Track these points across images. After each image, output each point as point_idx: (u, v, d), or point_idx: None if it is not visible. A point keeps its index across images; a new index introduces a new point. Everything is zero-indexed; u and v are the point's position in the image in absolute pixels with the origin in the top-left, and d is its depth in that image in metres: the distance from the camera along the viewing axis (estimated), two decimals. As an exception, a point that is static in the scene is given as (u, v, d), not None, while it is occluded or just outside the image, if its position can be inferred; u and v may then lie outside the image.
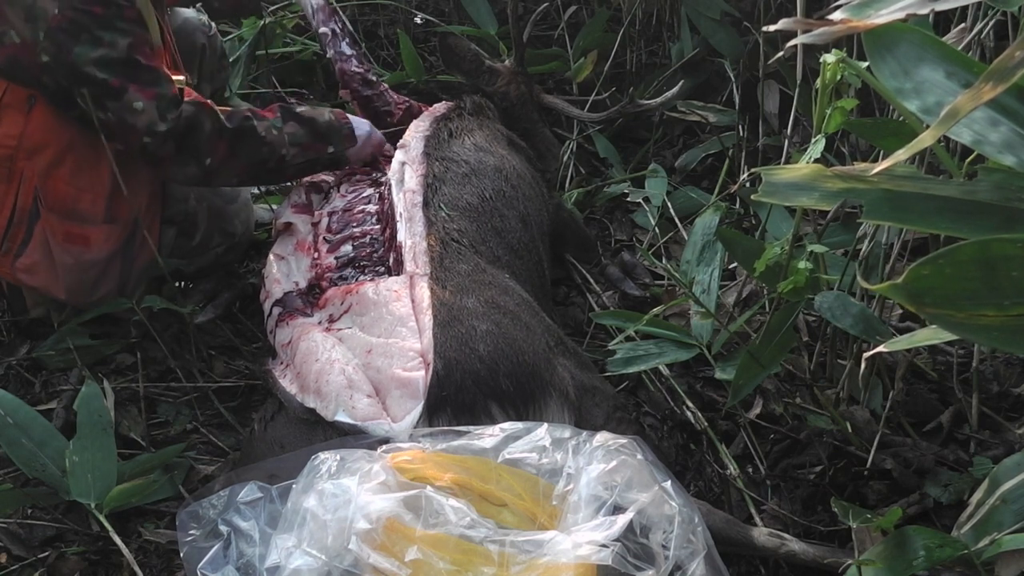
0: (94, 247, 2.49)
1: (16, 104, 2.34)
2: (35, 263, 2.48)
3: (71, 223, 2.46)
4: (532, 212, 2.63)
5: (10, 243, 2.47)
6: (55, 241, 2.46)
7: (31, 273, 2.50)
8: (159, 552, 2.13)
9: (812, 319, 2.52)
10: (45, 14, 2.23)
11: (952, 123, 1.21)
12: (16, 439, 2.15)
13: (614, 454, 1.72)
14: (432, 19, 3.95)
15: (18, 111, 2.35)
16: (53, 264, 2.49)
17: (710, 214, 2.63)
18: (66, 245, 2.47)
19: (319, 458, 1.73)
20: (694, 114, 3.49)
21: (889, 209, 1.40)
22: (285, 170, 2.56)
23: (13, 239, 2.46)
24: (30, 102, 2.34)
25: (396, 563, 1.58)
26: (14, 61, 2.28)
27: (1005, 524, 1.67)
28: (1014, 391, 2.33)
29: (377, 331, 2.05)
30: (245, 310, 2.80)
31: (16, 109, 2.35)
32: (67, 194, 2.44)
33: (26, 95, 2.33)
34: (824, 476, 2.18)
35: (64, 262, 2.48)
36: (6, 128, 2.36)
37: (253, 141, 2.46)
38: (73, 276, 2.51)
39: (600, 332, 2.74)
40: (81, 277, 2.52)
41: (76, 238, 2.47)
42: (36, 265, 2.49)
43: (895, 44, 1.53)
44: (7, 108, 2.34)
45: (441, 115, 2.80)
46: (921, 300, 1.18)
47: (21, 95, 2.33)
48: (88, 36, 2.24)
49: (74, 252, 2.48)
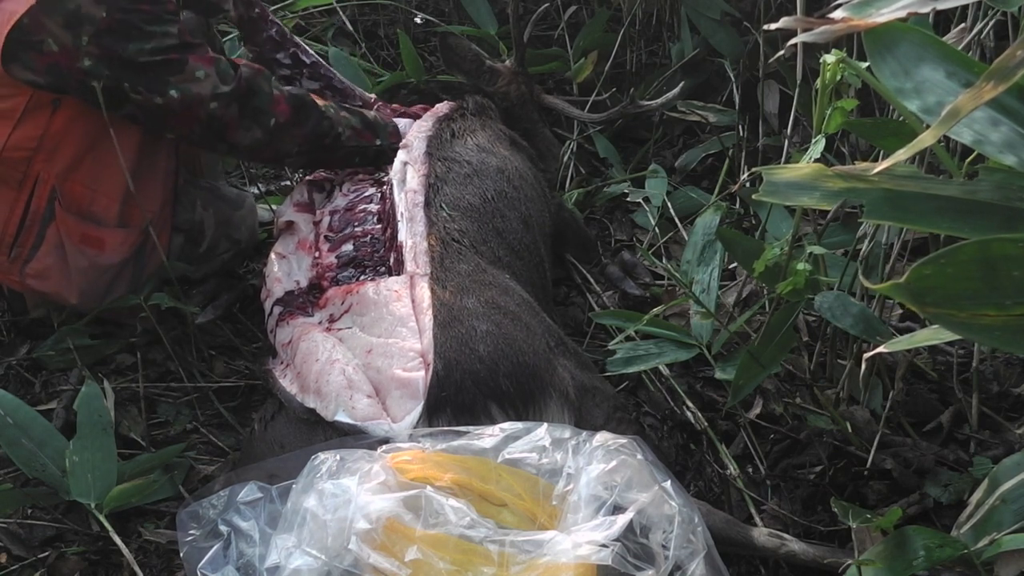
0: (108, 250, 2.50)
1: (40, 107, 2.34)
2: (47, 268, 2.48)
3: (88, 224, 2.46)
4: (534, 213, 2.63)
5: (20, 248, 2.46)
6: (71, 243, 2.46)
7: (42, 278, 2.49)
8: (159, 552, 2.13)
9: (812, 319, 2.52)
10: (92, 19, 2.21)
11: (953, 123, 1.21)
12: (16, 439, 2.15)
13: (614, 454, 1.72)
14: (432, 19, 3.95)
15: (42, 114, 2.34)
16: (66, 268, 2.48)
17: (710, 214, 2.63)
18: (82, 247, 2.47)
19: (319, 458, 1.73)
20: (694, 114, 3.49)
21: (890, 209, 1.40)
22: (338, 150, 2.58)
23: (23, 244, 2.46)
24: (54, 105, 2.34)
25: (396, 563, 1.58)
26: (55, 69, 2.26)
27: (1005, 524, 1.67)
28: (1014, 391, 2.33)
29: (377, 331, 2.05)
30: (245, 310, 2.80)
31: (40, 112, 2.34)
32: (83, 196, 2.44)
33: (51, 98, 2.33)
34: (824, 476, 2.18)
35: (79, 265, 2.48)
36: (28, 131, 2.35)
37: (314, 111, 2.50)
38: (87, 280, 2.50)
39: (600, 332, 2.74)
40: (95, 280, 2.52)
41: (92, 240, 2.48)
42: (48, 270, 2.48)
43: (895, 44, 1.53)
44: (31, 112, 2.34)
45: (444, 115, 2.79)
46: (923, 300, 1.18)
47: (46, 98, 2.33)
48: (139, 33, 2.25)
49: (89, 255, 2.48)
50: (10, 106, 2.33)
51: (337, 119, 2.54)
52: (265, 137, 2.44)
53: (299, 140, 2.50)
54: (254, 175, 3.40)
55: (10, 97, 2.32)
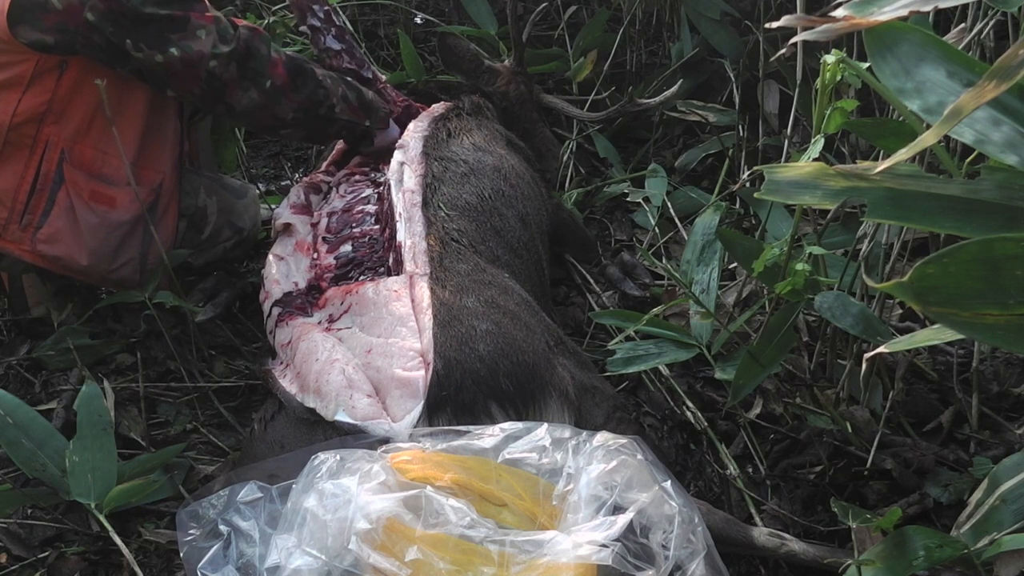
0: (119, 207, 2.51)
1: (48, 70, 2.35)
2: (57, 231, 2.48)
3: (97, 183, 2.48)
4: (531, 211, 2.63)
5: (31, 215, 2.46)
6: (80, 201, 2.46)
7: (53, 243, 2.49)
8: (159, 552, 2.13)
9: (812, 319, 2.52)
10: None
11: (956, 122, 1.21)
12: (16, 439, 2.15)
13: (614, 454, 1.71)
14: (432, 19, 3.95)
15: (50, 77, 2.36)
16: (77, 228, 2.48)
17: (710, 214, 2.63)
18: (92, 203, 2.48)
19: (319, 458, 1.73)
20: (694, 114, 3.49)
21: (892, 208, 1.40)
22: (332, 122, 2.60)
23: (34, 211, 2.46)
24: (61, 68, 2.36)
25: (396, 563, 1.58)
26: (62, 28, 2.29)
27: (1005, 524, 1.66)
28: (1014, 391, 2.33)
29: (377, 331, 2.05)
30: (245, 310, 2.80)
31: (48, 75, 2.36)
32: (94, 158, 2.46)
33: (58, 60, 2.35)
34: (824, 476, 2.18)
35: (89, 222, 2.48)
36: (36, 96, 2.37)
37: (311, 78, 2.52)
38: (97, 238, 2.51)
39: (600, 332, 2.74)
40: (105, 238, 2.52)
41: (103, 197, 2.49)
42: (58, 232, 2.48)
43: (896, 44, 1.53)
44: (38, 76, 2.35)
45: (440, 115, 2.80)
46: (926, 299, 1.18)
47: (53, 61, 2.34)
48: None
49: (100, 211, 2.49)
50: (18, 72, 2.34)
51: (333, 89, 2.56)
52: (262, 99, 2.45)
53: (294, 106, 2.51)
54: (254, 175, 3.40)
55: (17, 64, 2.34)
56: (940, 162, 1.68)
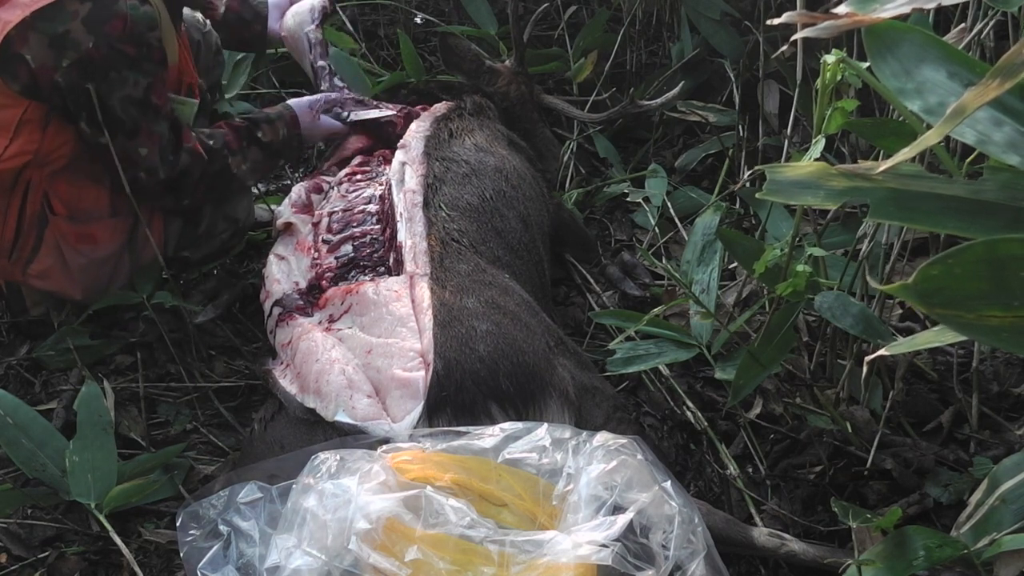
0: (102, 244, 2.55)
1: (35, 120, 2.36)
2: (48, 268, 2.53)
3: (79, 224, 2.51)
4: (532, 212, 2.63)
5: (20, 251, 2.50)
6: (67, 244, 2.51)
7: (45, 278, 2.55)
8: (159, 552, 2.13)
9: (812, 319, 2.52)
10: (77, 45, 2.25)
11: (958, 121, 1.21)
12: (16, 439, 2.15)
13: (614, 454, 1.71)
14: (432, 19, 3.95)
15: (36, 126, 2.37)
16: (66, 266, 2.53)
17: (710, 214, 2.63)
18: (78, 246, 2.52)
19: (319, 458, 1.73)
20: (694, 114, 3.49)
21: (895, 208, 1.40)
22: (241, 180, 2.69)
23: (23, 248, 2.50)
24: (47, 119, 2.37)
25: (396, 563, 1.58)
26: (33, 79, 2.29)
27: (1005, 524, 1.67)
28: (1014, 391, 2.33)
29: (377, 331, 2.05)
30: (245, 310, 2.80)
31: (35, 124, 2.37)
32: (70, 193, 2.48)
33: (44, 111, 2.36)
34: (824, 476, 2.18)
35: (77, 263, 2.53)
36: (23, 144, 2.37)
37: (225, 178, 2.60)
38: (87, 275, 2.56)
39: (600, 332, 2.74)
40: (95, 274, 2.57)
41: (86, 238, 2.53)
42: (49, 270, 2.53)
43: (896, 44, 1.52)
44: (26, 124, 2.35)
45: (441, 115, 2.79)
46: (930, 300, 1.18)
47: (40, 111, 2.35)
48: (116, 75, 2.31)
49: (85, 252, 2.53)
50: (8, 116, 2.34)
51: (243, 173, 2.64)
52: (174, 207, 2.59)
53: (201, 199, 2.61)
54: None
55: (8, 108, 2.33)
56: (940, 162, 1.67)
